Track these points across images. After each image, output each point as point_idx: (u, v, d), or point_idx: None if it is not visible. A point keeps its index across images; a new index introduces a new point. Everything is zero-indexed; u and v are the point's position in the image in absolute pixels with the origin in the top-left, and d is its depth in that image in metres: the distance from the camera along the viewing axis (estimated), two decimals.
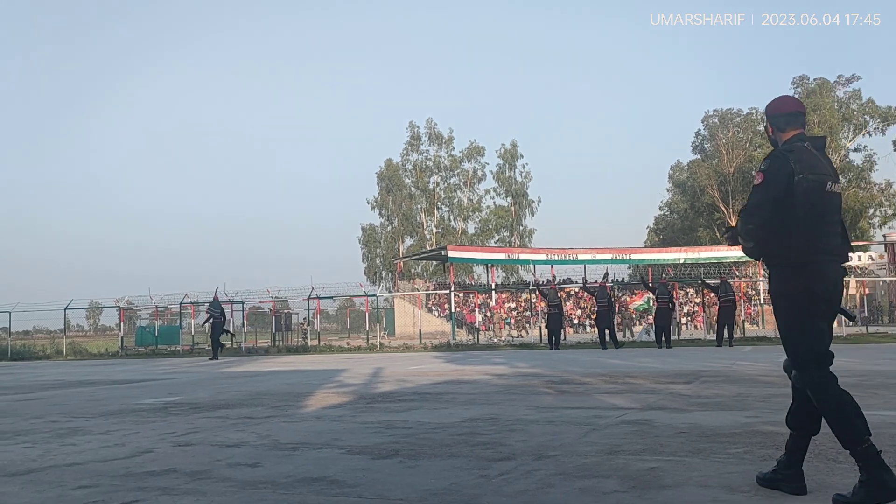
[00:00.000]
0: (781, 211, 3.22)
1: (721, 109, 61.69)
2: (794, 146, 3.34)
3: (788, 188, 3.21)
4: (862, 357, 13.65)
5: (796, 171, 3.22)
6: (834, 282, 3.28)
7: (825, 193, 3.26)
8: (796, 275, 3.24)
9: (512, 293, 47.51)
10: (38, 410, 8.12)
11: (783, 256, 3.28)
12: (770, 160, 3.33)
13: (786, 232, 3.24)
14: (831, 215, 3.29)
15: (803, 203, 3.21)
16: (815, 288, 3.22)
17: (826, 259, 3.25)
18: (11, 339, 32.81)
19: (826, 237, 3.25)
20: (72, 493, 3.76)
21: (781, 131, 3.45)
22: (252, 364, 18.84)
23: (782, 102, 3.51)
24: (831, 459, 4.00)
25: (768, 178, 3.26)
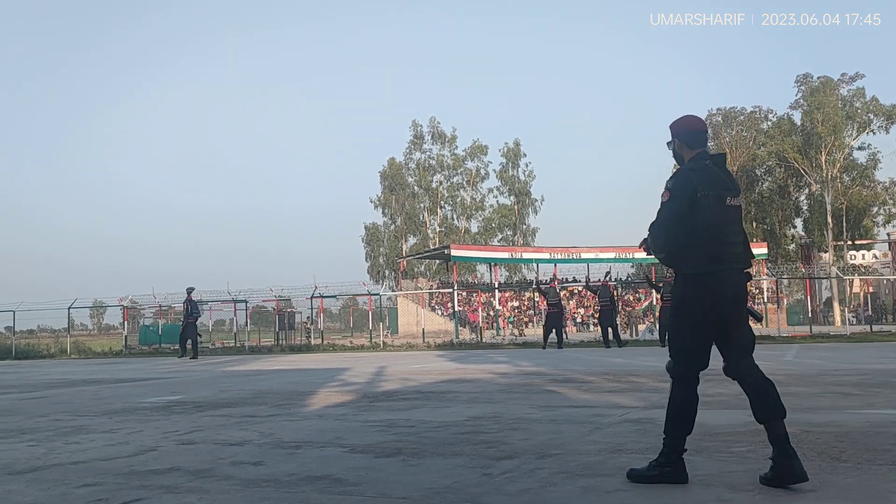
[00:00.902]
0: (686, 225, 3.51)
1: (724, 108, 61.61)
2: (697, 164, 3.64)
3: (692, 204, 3.50)
4: (865, 356, 13.64)
5: (699, 187, 3.52)
6: (734, 289, 3.56)
7: (726, 207, 3.57)
8: (699, 283, 3.54)
9: (515, 292, 47.50)
10: (42, 409, 8.14)
11: (689, 266, 3.57)
12: (675, 179, 3.61)
13: (689, 244, 3.53)
14: (732, 227, 3.60)
15: (706, 217, 3.51)
16: (714, 296, 3.52)
17: (727, 268, 3.55)
18: (16, 337, 32.85)
19: (727, 247, 3.56)
20: (76, 491, 3.77)
21: (690, 148, 3.73)
22: (255, 363, 18.86)
23: (692, 121, 3.78)
24: (834, 458, 4.00)
25: (674, 194, 3.55)
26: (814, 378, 9.09)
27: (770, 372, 11.07)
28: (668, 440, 3.57)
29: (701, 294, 3.52)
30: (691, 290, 3.56)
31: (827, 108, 52.21)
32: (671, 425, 3.57)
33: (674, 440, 3.56)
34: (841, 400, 6.75)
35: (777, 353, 15.40)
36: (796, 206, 60.30)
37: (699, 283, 3.53)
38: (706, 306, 3.53)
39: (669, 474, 3.51)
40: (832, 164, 53.50)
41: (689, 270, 3.57)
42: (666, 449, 3.56)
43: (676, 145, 3.78)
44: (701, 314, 3.54)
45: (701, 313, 3.54)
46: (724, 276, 3.54)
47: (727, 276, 3.54)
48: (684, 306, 3.59)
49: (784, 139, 55.00)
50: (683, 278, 3.60)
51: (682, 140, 3.76)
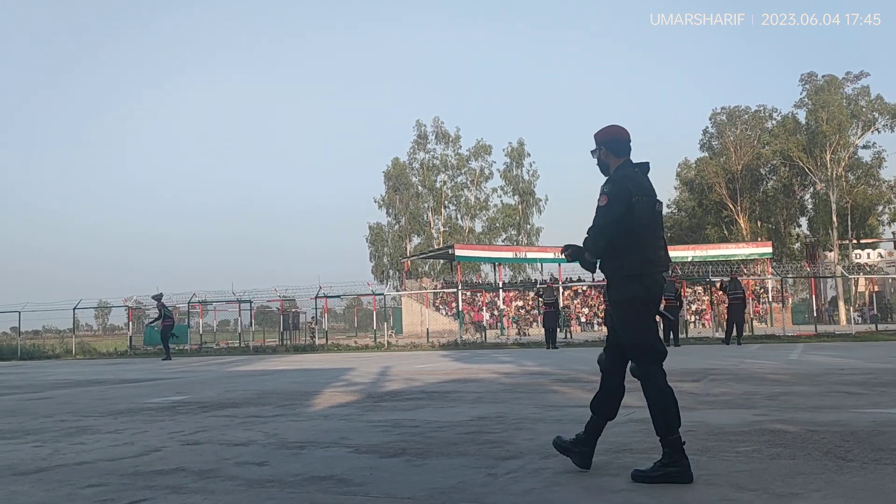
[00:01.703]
0: (623, 228, 3.68)
1: (729, 107, 61.46)
2: (628, 171, 3.81)
3: (629, 208, 3.67)
4: (871, 355, 13.60)
5: (634, 193, 3.69)
6: (659, 290, 3.82)
7: (655, 212, 3.78)
8: (633, 283, 3.71)
9: (519, 292, 47.48)
10: (47, 409, 8.16)
11: (623, 268, 3.73)
12: (612, 184, 3.75)
13: (626, 246, 3.71)
14: (660, 231, 3.84)
15: (640, 221, 3.70)
16: (648, 294, 3.73)
17: (656, 270, 3.78)
18: (21, 338, 32.95)
19: (656, 250, 3.78)
20: (81, 491, 3.78)
21: (616, 157, 3.89)
22: (260, 363, 18.88)
23: (618, 131, 3.93)
24: (840, 458, 3.98)
25: (612, 199, 3.69)
26: (819, 377, 9.07)
27: (774, 371, 11.05)
28: (665, 439, 3.60)
29: (641, 292, 3.71)
30: (634, 290, 3.71)
31: (832, 107, 52.08)
32: (662, 424, 3.62)
33: (670, 437, 3.60)
34: (846, 399, 6.74)
35: (782, 353, 15.37)
36: (801, 204, 60.16)
37: (638, 283, 3.71)
38: (647, 301, 3.74)
39: (674, 474, 3.52)
40: (837, 162, 53.38)
41: (626, 272, 3.73)
42: (667, 449, 3.58)
43: (602, 153, 3.92)
44: (647, 310, 3.75)
45: (646, 309, 3.75)
46: (654, 277, 3.77)
47: (656, 277, 3.79)
48: (633, 306, 3.73)
49: (789, 138, 54.89)
50: (622, 279, 3.75)
51: (609, 148, 3.90)
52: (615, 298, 3.81)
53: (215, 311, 35.38)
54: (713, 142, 62.34)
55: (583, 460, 3.80)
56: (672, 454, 3.56)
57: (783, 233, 60.09)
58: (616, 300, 3.80)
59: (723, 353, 15.94)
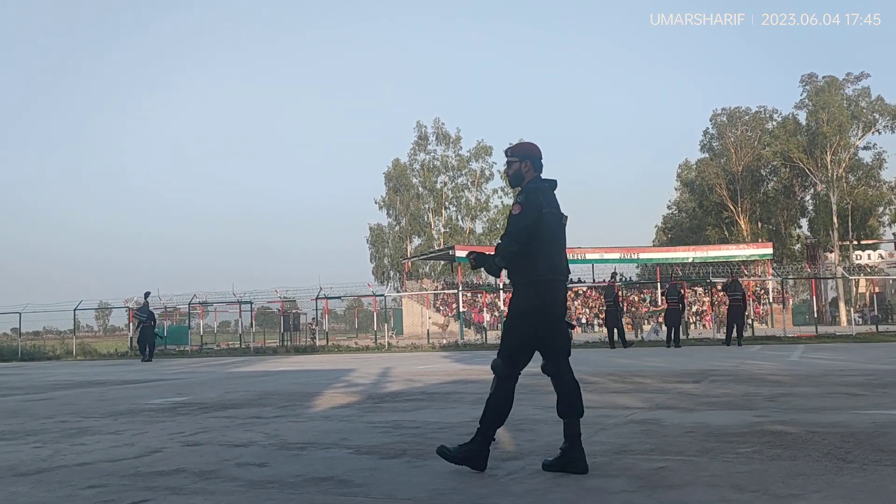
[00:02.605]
0: (533, 237, 3.91)
1: (729, 108, 61.45)
2: (539, 185, 4.08)
3: (539, 218, 3.92)
4: (871, 356, 13.59)
5: (544, 205, 3.96)
6: (563, 297, 4.07)
7: (560, 225, 4.07)
8: (538, 290, 3.94)
9: None
10: (47, 410, 8.16)
11: (530, 275, 3.94)
12: (525, 195, 4.00)
13: (534, 254, 3.93)
14: (563, 242, 4.11)
15: (548, 231, 3.96)
16: (548, 302, 3.94)
17: (561, 278, 4.03)
18: (22, 339, 32.94)
19: (561, 260, 4.05)
20: (82, 492, 3.78)
21: (535, 171, 4.12)
22: (260, 364, 18.88)
23: (538, 149, 4.20)
24: (840, 459, 3.98)
25: (525, 209, 3.93)
26: (819, 378, 9.07)
27: (775, 372, 11.05)
28: (484, 431, 3.91)
29: (544, 300, 3.93)
30: (536, 297, 3.93)
31: (832, 108, 52.05)
32: (490, 419, 3.92)
33: (489, 432, 3.92)
34: (847, 400, 6.73)
35: (782, 354, 15.36)
36: (801, 206, 60.12)
37: (543, 290, 3.94)
38: (546, 311, 3.94)
39: (472, 460, 3.90)
40: (837, 163, 53.35)
41: (534, 278, 3.94)
42: (479, 437, 3.91)
43: (524, 167, 4.12)
44: (539, 319, 3.94)
45: (540, 319, 3.94)
46: (559, 284, 4.02)
47: (561, 285, 4.04)
48: (530, 312, 3.94)
49: (789, 139, 54.87)
50: (528, 285, 3.96)
51: (532, 162, 4.13)
52: (518, 303, 4.01)
53: (216, 312, 35.39)
54: (714, 143, 62.32)
55: (582, 466, 3.85)
56: (481, 443, 3.91)
57: (784, 234, 60.07)
58: (517, 304, 4.00)
59: (723, 354, 15.94)
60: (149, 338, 22.98)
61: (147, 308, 23.56)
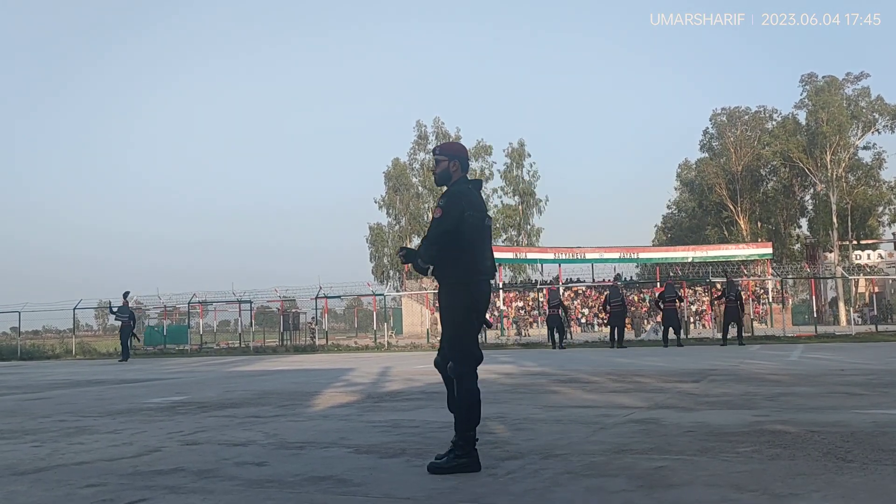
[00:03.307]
0: (455, 239, 4.02)
1: (729, 107, 61.41)
2: (463, 187, 4.17)
3: (461, 221, 4.01)
4: (871, 356, 13.59)
5: (466, 208, 4.04)
6: (486, 297, 4.18)
7: (484, 227, 4.15)
8: (462, 290, 4.06)
9: (519, 292, 47.46)
10: (46, 410, 8.15)
11: (454, 276, 4.07)
12: (447, 198, 4.10)
13: (456, 256, 4.04)
14: (487, 243, 4.21)
15: (470, 234, 4.05)
16: (474, 301, 4.07)
17: (484, 279, 4.14)
18: (21, 338, 32.94)
19: (484, 261, 4.14)
20: (80, 491, 3.77)
21: (462, 171, 4.22)
22: (260, 363, 18.87)
23: (466, 149, 4.36)
24: (840, 458, 3.97)
25: (446, 212, 4.03)
26: (819, 378, 9.06)
27: (775, 372, 11.04)
28: (463, 435, 3.96)
29: (468, 299, 4.05)
30: (461, 296, 4.06)
31: (832, 108, 52.02)
32: (464, 420, 3.98)
33: (469, 433, 3.97)
34: (847, 400, 6.73)
35: (782, 353, 15.36)
36: (801, 205, 60.11)
37: (465, 290, 4.06)
38: (472, 309, 4.07)
39: (465, 465, 3.90)
40: (837, 163, 53.34)
41: (455, 279, 4.07)
42: (461, 442, 3.95)
43: (451, 166, 4.20)
44: (471, 316, 4.08)
45: (471, 315, 4.08)
46: (481, 285, 4.13)
47: (483, 285, 4.15)
48: (459, 311, 4.07)
49: (789, 139, 54.84)
50: (451, 286, 4.09)
51: (460, 162, 4.23)
52: (444, 304, 4.14)
53: (215, 312, 35.39)
54: (713, 142, 62.29)
55: (475, 463, 3.95)
56: (465, 447, 3.94)
57: (783, 234, 60.06)
58: (445, 305, 4.13)
59: (722, 353, 15.94)
60: (125, 337, 23.20)
61: (127, 308, 23.74)
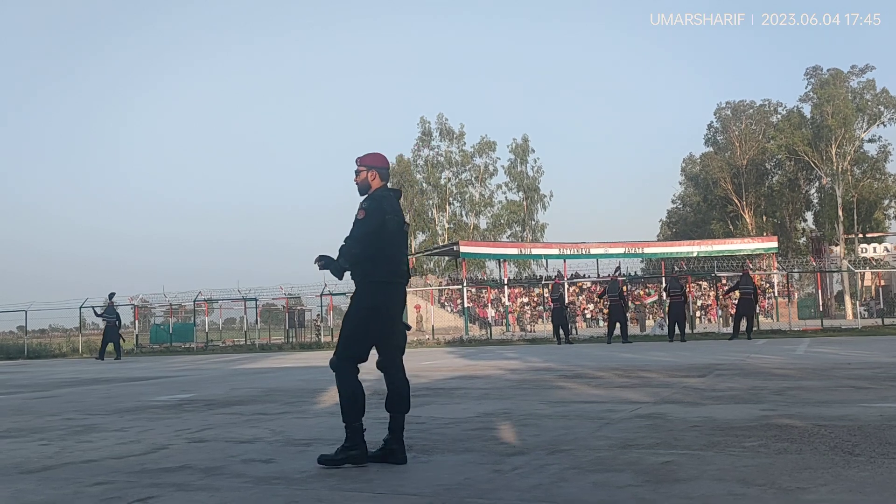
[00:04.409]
0: (376, 241, 4.16)
1: (733, 101, 61.27)
2: (384, 193, 4.35)
3: (382, 224, 4.17)
4: (877, 349, 13.56)
5: (388, 211, 4.22)
6: (401, 299, 4.33)
7: (403, 232, 4.32)
8: (379, 292, 4.20)
9: (524, 288, 47.44)
10: (53, 408, 8.18)
11: (371, 276, 4.19)
12: (370, 201, 4.25)
13: (376, 258, 4.17)
14: (404, 248, 4.37)
15: (390, 237, 4.21)
16: (384, 303, 4.20)
17: (401, 281, 4.30)
18: (28, 337, 33.06)
19: (401, 265, 4.29)
20: (88, 489, 3.78)
21: (381, 180, 4.39)
22: (265, 361, 18.91)
23: (386, 160, 4.48)
24: (847, 452, 3.96)
25: (369, 214, 4.18)
26: (826, 372, 9.04)
27: (781, 366, 11.01)
28: (350, 426, 4.13)
29: (383, 300, 4.20)
30: (376, 297, 4.19)
31: (837, 101, 51.86)
32: (349, 411, 4.15)
33: (355, 423, 4.13)
34: (854, 393, 6.71)
35: (788, 347, 15.33)
36: (807, 199, 59.99)
37: (382, 291, 4.20)
38: (385, 310, 4.21)
39: (355, 457, 4.08)
40: (842, 156, 53.18)
41: (375, 279, 4.20)
42: (349, 434, 4.12)
43: (370, 175, 4.38)
44: (380, 317, 4.20)
45: (380, 317, 4.20)
46: (398, 287, 4.29)
47: (400, 287, 4.32)
48: (369, 311, 4.19)
49: (794, 132, 54.67)
50: (369, 286, 4.21)
51: (379, 172, 4.40)
52: (359, 304, 4.23)
53: (221, 310, 35.49)
54: (718, 136, 62.19)
55: (401, 457, 4.15)
56: (353, 438, 4.11)
57: (789, 227, 59.93)
58: (357, 304, 4.24)
59: (729, 348, 15.91)
60: (113, 337, 23.45)
61: (113, 308, 23.94)
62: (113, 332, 23.40)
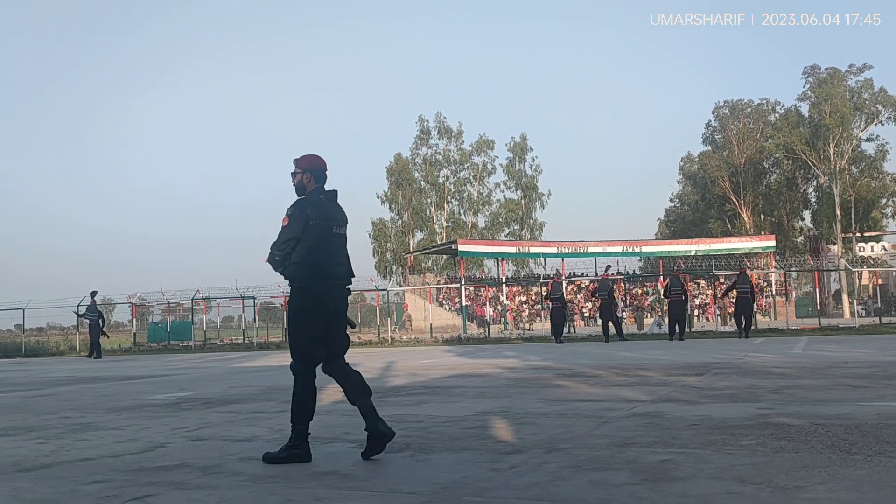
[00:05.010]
0: (301, 246, 4.26)
1: (731, 100, 61.29)
2: (313, 198, 4.40)
3: (306, 229, 4.25)
4: (875, 348, 13.57)
5: (312, 217, 4.28)
6: (336, 300, 4.39)
7: (332, 235, 4.36)
8: (308, 294, 4.28)
9: (522, 287, 47.45)
10: (50, 406, 8.17)
11: (301, 280, 4.29)
12: (294, 208, 4.33)
13: (300, 262, 4.27)
14: (338, 251, 4.40)
15: (315, 241, 4.27)
16: (317, 305, 4.28)
17: (332, 283, 4.35)
18: (25, 335, 33.02)
19: (333, 267, 4.35)
20: (85, 487, 3.78)
21: (316, 182, 4.45)
22: (264, 359, 18.90)
23: (322, 161, 4.52)
24: (844, 451, 3.97)
25: (292, 221, 4.28)
26: (823, 370, 9.05)
27: (779, 364, 11.02)
28: (296, 427, 4.23)
29: (312, 303, 4.27)
30: (304, 301, 4.29)
31: (835, 100, 51.89)
32: (297, 414, 4.26)
33: (300, 426, 4.24)
34: (851, 392, 6.72)
35: (785, 346, 15.35)
36: (804, 198, 60.02)
37: (310, 295, 4.28)
38: (317, 313, 4.29)
39: (297, 455, 4.19)
40: (840, 155, 53.22)
41: (301, 284, 4.29)
42: (294, 434, 4.23)
43: (305, 178, 4.45)
44: (314, 319, 4.29)
45: (314, 318, 4.29)
46: (330, 290, 4.33)
47: (332, 290, 4.35)
48: (302, 313, 4.30)
49: (792, 131, 54.70)
50: (297, 290, 4.32)
51: (313, 174, 4.45)
52: (291, 306, 4.39)
53: (219, 308, 35.52)
54: (716, 135, 62.22)
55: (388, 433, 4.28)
56: (297, 439, 4.23)
57: (786, 226, 59.98)
58: (292, 307, 4.38)
59: (726, 346, 15.92)
60: (95, 335, 23.74)
61: (95, 307, 24.25)
62: (95, 330, 23.69)
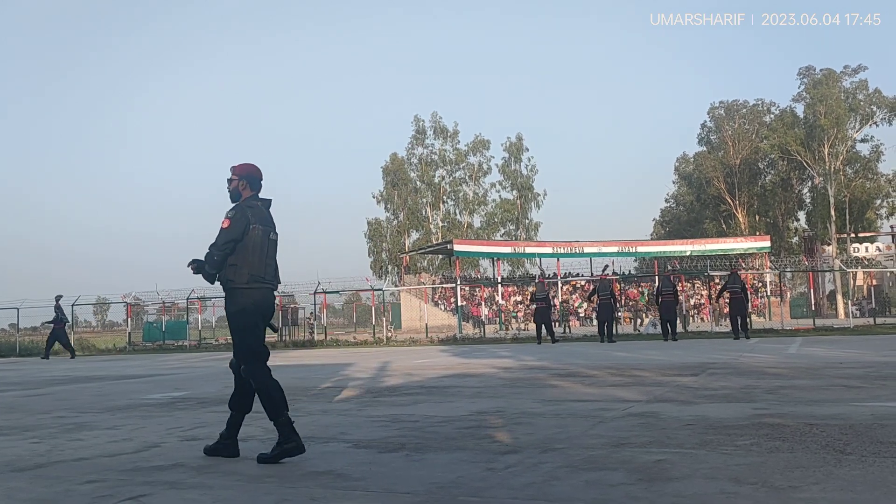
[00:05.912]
0: (239, 249, 4.42)
1: (727, 101, 61.36)
2: (252, 203, 4.58)
3: (245, 233, 4.43)
4: (869, 348, 13.61)
5: (252, 221, 4.46)
6: (269, 302, 4.60)
7: (268, 240, 4.55)
8: (244, 296, 4.45)
9: (518, 287, 47.46)
10: (45, 406, 8.15)
11: (237, 282, 4.44)
12: (235, 211, 4.49)
13: (238, 264, 4.43)
14: (270, 256, 4.58)
15: (253, 245, 4.45)
16: (255, 305, 4.47)
17: (265, 286, 4.52)
18: (20, 335, 32.90)
19: (264, 270, 4.51)
20: (79, 487, 3.77)
21: (251, 190, 4.63)
22: None
23: (257, 169, 4.70)
24: (839, 451, 3.98)
25: (233, 224, 4.43)
26: (818, 371, 9.07)
27: (773, 365, 11.04)
28: (278, 420, 4.31)
29: (249, 303, 4.45)
30: (242, 301, 4.45)
31: (830, 101, 51.95)
32: (271, 410, 4.34)
33: (281, 418, 4.31)
34: (845, 392, 6.74)
35: (780, 346, 15.38)
36: (799, 198, 60.11)
37: (246, 295, 4.45)
38: (256, 312, 4.48)
39: (290, 449, 4.25)
40: (835, 156, 53.30)
41: (238, 285, 4.44)
42: (280, 429, 4.29)
43: (241, 185, 4.62)
44: (254, 317, 4.48)
45: (253, 316, 4.48)
46: (263, 291, 4.52)
47: (264, 292, 4.54)
48: (245, 314, 4.47)
49: (787, 132, 54.75)
50: (234, 291, 4.46)
51: (248, 181, 4.63)
52: (229, 309, 4.52)
53: (214, 307, 35.31)
54: (711, 136, 62.26)
55: (231, 451, 4.47)
56: (285, 433, 4.27)
57: (781, 227, 60.06)
58: (229, 311, 4.51)
59: (721, 347, 15.95)
60: (61, 337, 24.26)
61: (60, 308, 24.61)
62: (60, 333, 24.19)
